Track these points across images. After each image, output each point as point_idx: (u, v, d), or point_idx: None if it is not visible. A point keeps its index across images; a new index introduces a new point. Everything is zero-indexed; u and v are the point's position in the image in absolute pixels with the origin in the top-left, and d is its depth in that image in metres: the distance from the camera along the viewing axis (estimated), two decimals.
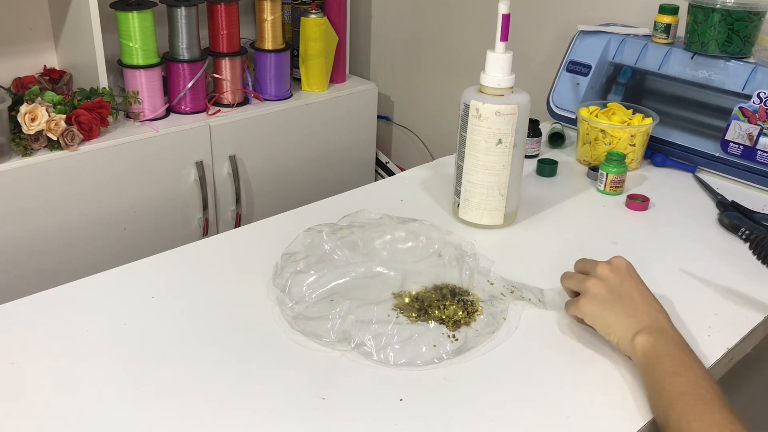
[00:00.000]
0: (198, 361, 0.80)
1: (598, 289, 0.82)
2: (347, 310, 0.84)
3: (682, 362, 0.73)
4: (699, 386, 0.70)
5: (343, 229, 0.97)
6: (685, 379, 0.72)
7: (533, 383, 0.79)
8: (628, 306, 0.80)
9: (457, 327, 0.84)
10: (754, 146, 1.25)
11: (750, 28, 1.28)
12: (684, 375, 0.72)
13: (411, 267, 0.93)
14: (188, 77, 1.75)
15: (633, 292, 0.81)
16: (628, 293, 0.81)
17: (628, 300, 0.81)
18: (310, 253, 0.95)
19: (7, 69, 1.73)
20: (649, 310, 0.80)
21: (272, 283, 0.94)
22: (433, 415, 0.74)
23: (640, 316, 0.79)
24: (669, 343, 0.76)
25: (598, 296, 0.82)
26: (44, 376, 0.77)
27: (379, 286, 0.90)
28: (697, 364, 0.74)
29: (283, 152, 1.92)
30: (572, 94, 1.47)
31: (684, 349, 0.75)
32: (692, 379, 0.71)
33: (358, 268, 0.92)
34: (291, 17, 2.02)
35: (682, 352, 0.75)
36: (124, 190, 1.64)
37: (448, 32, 2.04)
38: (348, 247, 0.94)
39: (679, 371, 0.72)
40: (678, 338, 0.77)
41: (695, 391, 0.70)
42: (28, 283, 1.50)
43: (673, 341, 0.76)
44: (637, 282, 0.83)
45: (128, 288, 0.93)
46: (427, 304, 0.87)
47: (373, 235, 0.96)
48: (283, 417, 0.72)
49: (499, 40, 1.03)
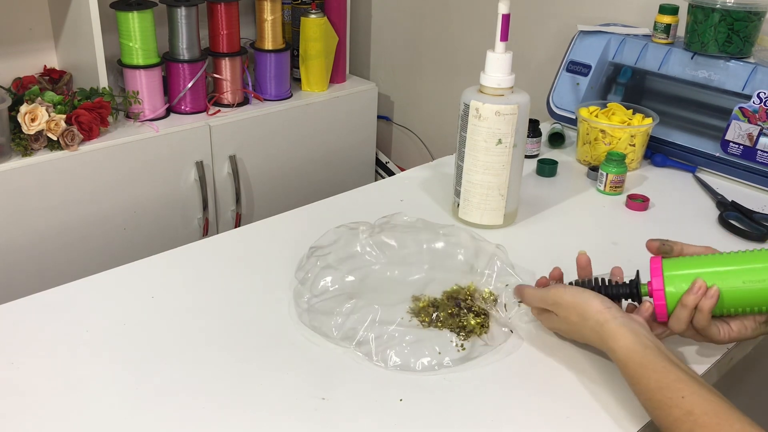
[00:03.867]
0: (198, 361, 0.80)
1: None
2: (354, 307, 0.84)
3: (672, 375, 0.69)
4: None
5: (376, 229, 0.97)
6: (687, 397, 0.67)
7: (533, 383, 0.79)
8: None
9: (467, 337, 0.84)
10: (754, 146, 1.25)
11: (750, 28, 1.28)
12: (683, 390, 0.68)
13: (438, 272, 0.91)
14: (188, 77, 1.75)
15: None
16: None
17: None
18: (340, 249, 0.94)
19: (7, 69, 1.73)
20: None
21: (294, 275, 0.94)
22: (432, 416, 0.74)
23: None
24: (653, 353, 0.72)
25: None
26: (44, 376, 0.77)
27: (401, 288, 0.89)
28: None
29: (283, 152, 1.92)
30: (572, 94, 1.47)
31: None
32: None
33: (384, 269, 0.91)
34: (291, 17, 2.02)
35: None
36: (124, 190, 1.64)
37: (448, 32, 2.04)
38: (379, 247, 0.93)
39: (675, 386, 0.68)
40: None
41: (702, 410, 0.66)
42: (28, 283, 1.50)
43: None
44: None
45: (128, 288, 0.93)
46: (442, 310, 0.86)
47: (405, 238, 0.94)
48: (283, 417, 0.72)
49: (499, 40, 1.03)
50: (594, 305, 0.77)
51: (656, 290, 0.77)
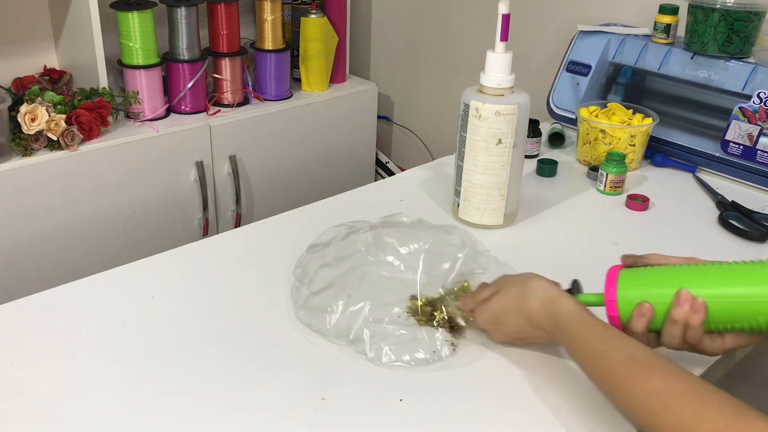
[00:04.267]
0: (198, 361, 0.80)
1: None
2: (349, 304, 0.84)
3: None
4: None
5: (376, 228, 0.96)
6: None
7: (532, 383, 0.79)
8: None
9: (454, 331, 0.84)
10: (754, 146, 1.25)
11: (750, 28, 1.28)
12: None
13: (436, 272, 0.91)
14: (188, 77, 1.75)
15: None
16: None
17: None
18: (339, 246, 0.93)
19: (7, 69, 1.73)
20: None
21: (292, 273, 0.94)
22: (432, 415, 0.74)
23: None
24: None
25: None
26: (44, 376, 0.77)
27: (398, 287, 0.89)
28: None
29: (283, 152, 1.92)
30: (572, 94, 1.47)
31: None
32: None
33: (382, 267, 0.91)
34: (291, 17, 2.02)
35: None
36: (124, 190, 1.64)
37: (448, 32, 2.04)
38: (378, 246, 0.92)
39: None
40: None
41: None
42: (28, 283, 1.50)
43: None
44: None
45: (128, 288, 0.93)
46: (438, 310, 0.86)
47: (405, 237, 0.94)
48: (283, 417, 0.72)
49: (499, 40, 1.03)
50: (538, 278, 0.80)
51: (608, 300, 0.76)
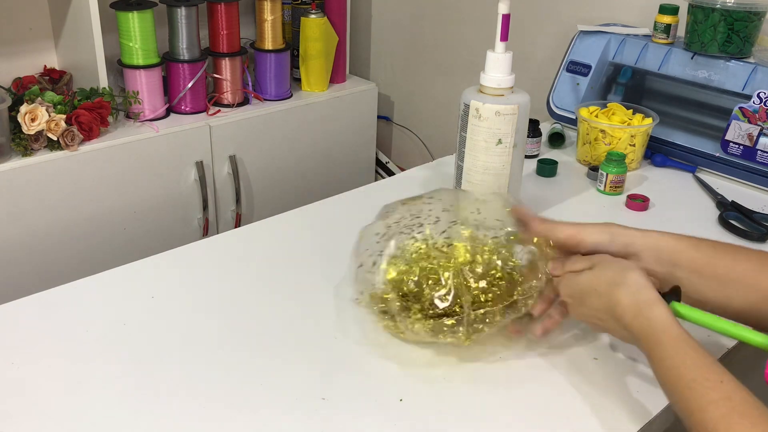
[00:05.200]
0: (198, 360, 0.80)
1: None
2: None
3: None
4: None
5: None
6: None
7: (532, 383, 0.79)
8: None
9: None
10: (754, 146, 1.24)
11: (750, 28, 1.28)
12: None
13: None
14: (188, 77, 1.75)
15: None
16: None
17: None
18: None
19: (7, 69, 1.73)
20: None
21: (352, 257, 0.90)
22: (432, 415, 0.74)
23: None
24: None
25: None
26: (44, 376, 0.77)
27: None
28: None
29: (283, 152, 1.92)
30: (572, 94, 1.47)
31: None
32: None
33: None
34: (291, 17, 2.02)
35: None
36: (124, 190, 1.64)
37: (448, 32, 2.04)
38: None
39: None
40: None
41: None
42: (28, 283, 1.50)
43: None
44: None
45: (128, 288, 0.93)
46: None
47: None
48: (283, 417, 0.72)
49: (499, 40, 1.02)
50: (638, 271, 0.75)
51: None
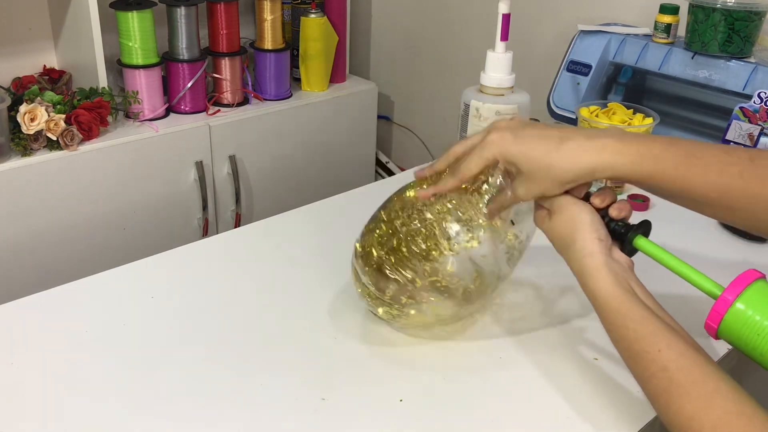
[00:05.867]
0: (198, 360, 0.80)
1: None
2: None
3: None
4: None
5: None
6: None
7: (533, 384, 0.79)
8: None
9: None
10: (755, 146, 1.24)
11: (750, 28, 1.28)
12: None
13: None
14: (188, 77, 1.75)
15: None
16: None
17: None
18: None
19: (7, 69, 1.73)
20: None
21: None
22: (432, 416, 0.73)
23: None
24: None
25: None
26: (44, 376, 0.77)
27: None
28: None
29: (283, 152, 1.91)
30: (572, 94, 1.47)
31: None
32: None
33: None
34: (291, 17, 2.02)
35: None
36: (124, 190, 1.63)
37: (448, 32, 2.04)
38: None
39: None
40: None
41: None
42: (28, 283, 1.50)
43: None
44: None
45: (128, 288, 0.93)
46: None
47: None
48: (283, 417, 0.72)
49: (499, 39, 1.03)
50: (586, 232, 0.71)
51: (723, 298, 0.66)
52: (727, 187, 0.70)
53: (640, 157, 0.70)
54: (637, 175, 0.71)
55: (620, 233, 0.74)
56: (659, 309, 0.69)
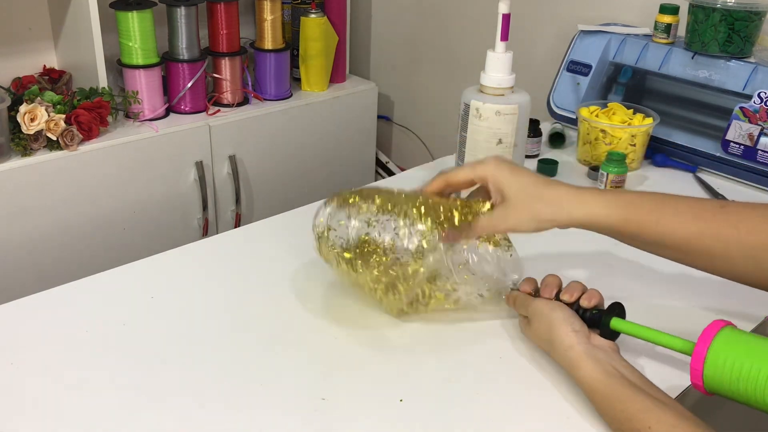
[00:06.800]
0: (198, 360, 0.80)
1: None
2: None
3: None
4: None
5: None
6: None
7: (533, 384, 0.79)
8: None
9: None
10: (755, 146, 1.24)
11: (750, 28, 1.28)
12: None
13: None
14: (188, 77, 1.75)
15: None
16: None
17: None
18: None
19: (7, 69, 1.72)
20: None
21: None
22: (433, 416, 0.73)
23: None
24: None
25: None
26: (43, 377, 0.77)
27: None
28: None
29: (283, 152, 1.91)
30: (572, 94, 1.47)
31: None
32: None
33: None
34: (291, 17, 2.02)
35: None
36: (123, 190, 1.63)
37: (448, 32, 2.04)
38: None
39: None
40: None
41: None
42: (28, 283, 1.50)
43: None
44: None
45: (128, 288, 0.93)
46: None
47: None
48: (283, 417, 0.72)
49: (499, 39, 1.03)
50: (562, 328, 0.76)
51: (696, 353, 0.68)
52: (700, 233, 0.73)
53: (616, 201, 0.76)
54: (611, 219, 0.75)
55: (595, 320, 0.79)
56: (648, 385, 0.71)
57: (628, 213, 0.75)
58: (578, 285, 0.81)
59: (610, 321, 0.78)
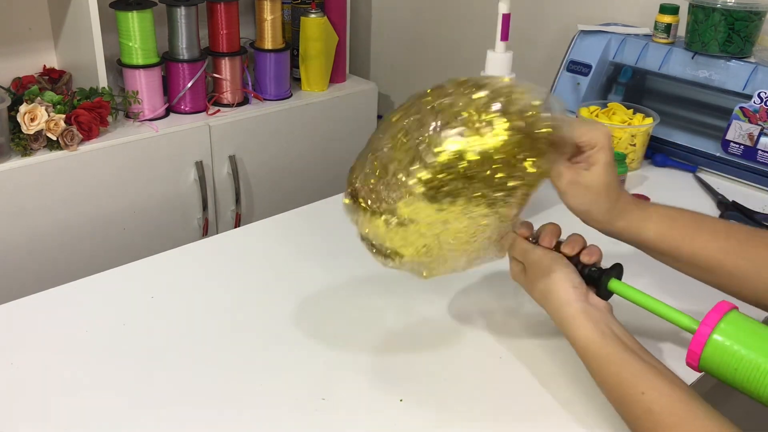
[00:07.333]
0: (198, 360, 0.80)
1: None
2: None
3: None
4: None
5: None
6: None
7: (533, 384, 0.79)
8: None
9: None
10: (755, 146, 1.24)
11: (750, 28, 1.28)
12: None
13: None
14: (188, 77, 1.75)
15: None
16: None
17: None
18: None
19: (7, 69, 1.72)
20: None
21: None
22: (433, 416, 0.73)
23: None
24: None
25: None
26: (43, 377, 0.77)
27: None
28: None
29: (283, 152, 1.91)
30: (572, 94, 1.47)
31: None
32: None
33: None
34: (291, 17, 2.02)
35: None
36: (123, 190, 1.63)
37: (448, 32, 2.03)
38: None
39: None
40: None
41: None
42: (28, 283, 1.50)
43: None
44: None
45: (128, 288, 0.93)
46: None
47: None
48: (283, 417, 0.72)
49: (499, 39, 1.03)
50: (561, 283, 0.73)
51: (699, 333, 0.67)
52: (733, 253, 0.74)
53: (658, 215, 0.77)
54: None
55: (594, 278, 0.76)
56: (641, 349, 0.70)
57: (662, 228, 0.76)
58: (579, 238, 0.78)
59: (609, 281, 0.75)
